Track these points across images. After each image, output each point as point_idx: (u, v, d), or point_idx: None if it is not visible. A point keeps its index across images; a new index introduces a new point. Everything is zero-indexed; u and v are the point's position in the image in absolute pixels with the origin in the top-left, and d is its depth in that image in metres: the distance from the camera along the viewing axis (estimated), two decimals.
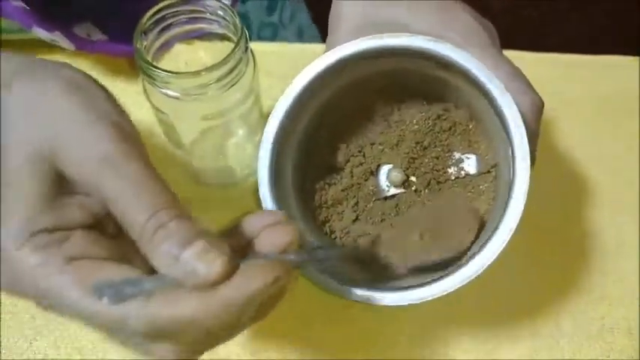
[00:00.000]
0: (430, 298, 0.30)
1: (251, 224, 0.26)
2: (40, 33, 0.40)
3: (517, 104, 0.30)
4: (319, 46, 0.45)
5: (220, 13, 0.33)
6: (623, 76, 0.44)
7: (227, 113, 0.34)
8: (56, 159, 0.23)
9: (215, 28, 0.34)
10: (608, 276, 0.39)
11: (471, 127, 0.35)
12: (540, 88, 0.32)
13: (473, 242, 0.32)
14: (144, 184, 0.23)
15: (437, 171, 0.35)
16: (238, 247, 0.25)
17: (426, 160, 0.35)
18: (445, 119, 0.35)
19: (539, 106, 0.32)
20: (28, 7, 0.38)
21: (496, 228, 0.30)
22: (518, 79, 0.32)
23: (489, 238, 0.30)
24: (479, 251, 0.30)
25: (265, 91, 0.38)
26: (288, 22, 0.56)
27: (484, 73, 0.30)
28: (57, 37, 0.40)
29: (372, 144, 0.36)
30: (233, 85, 0.33)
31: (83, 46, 0.41)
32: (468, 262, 0.30)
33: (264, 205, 0.32)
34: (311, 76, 0.33)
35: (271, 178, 0.33)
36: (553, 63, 0.45)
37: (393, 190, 0.36)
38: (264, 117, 0.39)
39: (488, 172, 0.34)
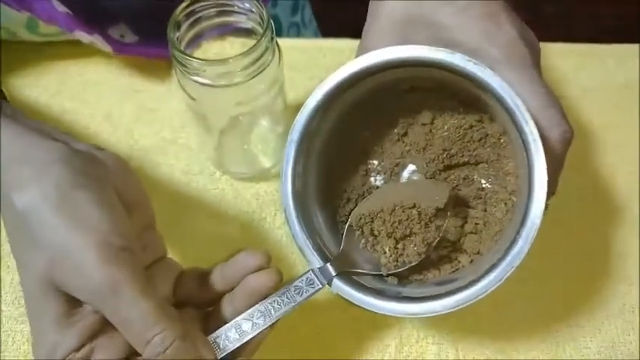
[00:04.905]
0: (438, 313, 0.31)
1: (235, 268, 0.30)
2: (81, 36, 0.42)
3: (547, 134, 0.30)
4: (340, 42, 0.46)
5: (247, 5, 0.35)
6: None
7: (253, 102, 0.36)
8: (58, 284, 0.26)
9: (243, 21, 0.36)
10: (628, 256, 0.39)
11: (502, 141, 0.34)
12: (559, 77, 0.32)
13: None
14: (136, 311, 0.26)
15: (458, 190, 0.36)
16: (223, 291, 0.31)
17: (452, 177, 0.36)
18: (477, 130, 0.35)
19: (568, 138, 0.31)
20: (71, 13, 0.41)
21: (505, 254, 0.30)
22: (552, 108, 0.31)
23: (502, 259, 0.30)
24: (486, 274, 0.30)
25: (288, 83, 0.40)
26: (309, 22, 0.58)
27: (516, 103, 0.30)
28: (96, 40, 0.42)
29: (401, 143, 0.37)
30: (259, 74, 0.35)
31: (119, 49, 0.43)
32: (473, 284, 0.31)
33: (283, 201, 0.33)
34: (347, 74, 0.32)
35: (294, 167, 0.33)
36: (570, 52, 0.46)
37: None
38: (288, 108, 0.41)
39: (509, 198, 0.34)
